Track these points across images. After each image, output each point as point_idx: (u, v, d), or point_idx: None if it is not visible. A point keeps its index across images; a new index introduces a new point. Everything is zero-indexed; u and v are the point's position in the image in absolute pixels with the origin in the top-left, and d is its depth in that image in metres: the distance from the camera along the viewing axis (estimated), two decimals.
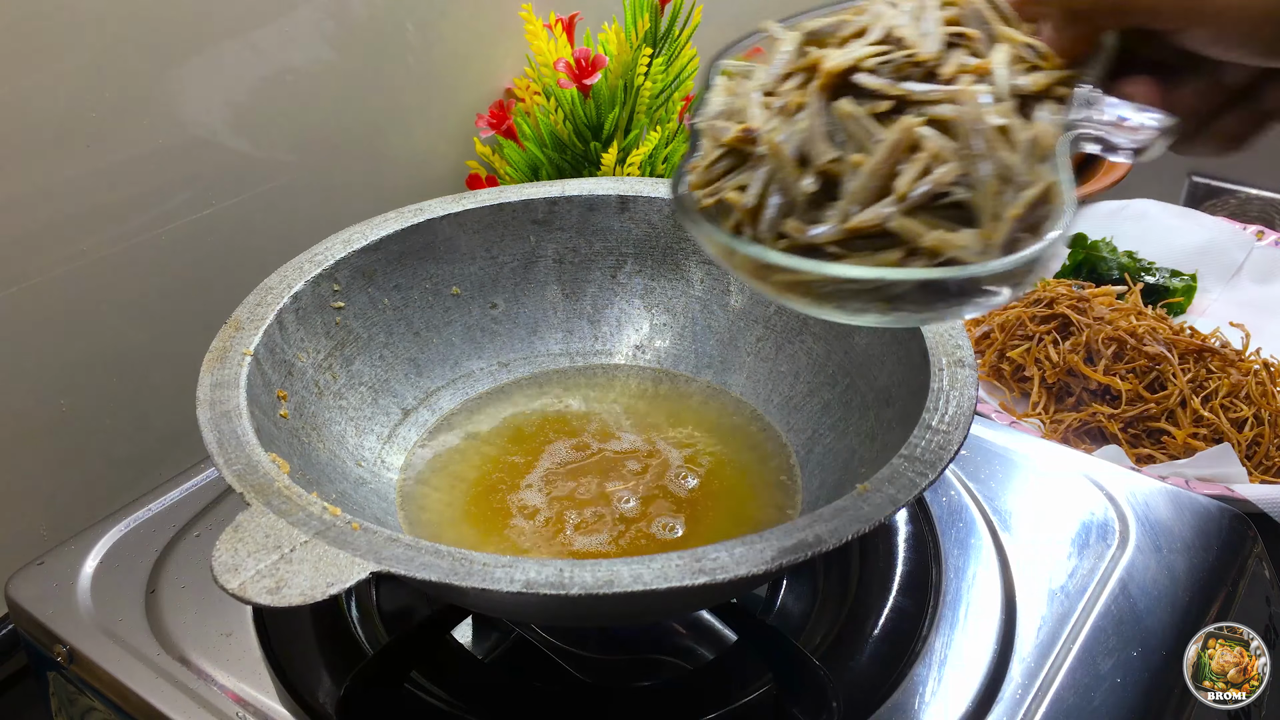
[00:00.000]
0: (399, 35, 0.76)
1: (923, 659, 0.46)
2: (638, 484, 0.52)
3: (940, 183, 0.31)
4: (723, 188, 0.34)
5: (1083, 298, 0.75)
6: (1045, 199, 0.31)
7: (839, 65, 0.33)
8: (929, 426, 0.42)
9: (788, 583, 0.52)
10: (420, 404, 0.57)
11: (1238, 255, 0.87)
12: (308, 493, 0.39)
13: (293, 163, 0.72)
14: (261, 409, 0.45)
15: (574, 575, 0.35)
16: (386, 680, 0.47)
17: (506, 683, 0.49)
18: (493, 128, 0.82)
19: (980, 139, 0.31)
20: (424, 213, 0.58)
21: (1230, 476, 0.63)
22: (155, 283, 0.66)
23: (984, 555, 0.52)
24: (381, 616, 0.51)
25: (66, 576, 0.51)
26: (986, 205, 0.31)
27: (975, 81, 0.33)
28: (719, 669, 0.49)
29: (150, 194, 0.64)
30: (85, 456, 0.65)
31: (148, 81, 0.62)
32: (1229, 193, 1.16)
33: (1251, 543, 0.53)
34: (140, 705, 0.45)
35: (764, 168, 0.33)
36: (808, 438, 0.54)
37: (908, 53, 0.33)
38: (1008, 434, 0.60)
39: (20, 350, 0.60)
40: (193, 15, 0.63)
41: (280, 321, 0.50)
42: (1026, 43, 0.34)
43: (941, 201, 0.31)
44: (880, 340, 0.51)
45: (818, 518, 0.37)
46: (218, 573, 0.35)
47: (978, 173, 0.31)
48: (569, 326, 0.62)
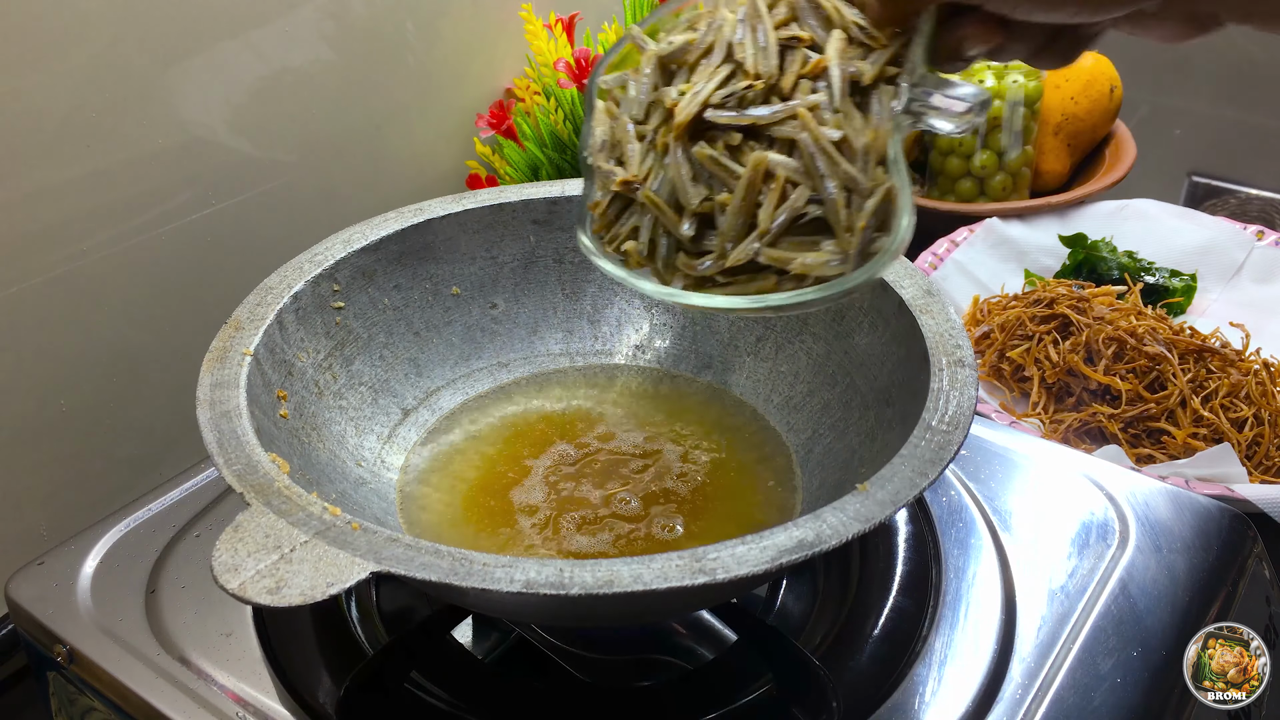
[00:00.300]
0: (399, 35, 0.76)
1: (923, 659, 0.46)
2: (638, 484, 0.52)
3: (795, 208, 0.36)
4: (620, 233, 0.40)
5: (1083, 298, 0.75)
6: (887, 199, 0.36)
7: (688, 116, 0.37)
8: (929, 426, 0.42)
9: (788, 583, 0.52)
10: (420, 404, 0.57)
11: (1238, 255, 0.87)
12: (308, 493, 0.39)
13: (293, 163, 0.72)
14: (261, 409, 0.46)
15: (574, 575, 0.35)
16: (386, 680, 0.47)
17: (506, 683, 0.49)
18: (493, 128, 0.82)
19: (822, 158, 0.36)
20: (424, 213, 0.58)
21: (1230, 476, 0.63)
22: (155, 283, 0.66)
23: (984, 555, 0.52)
24: (381, 616, 0.51)
25: (66, 576, 0.51)
26: (838, 220, 0.36)
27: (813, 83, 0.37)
28: (719, 669, 0.49)
29: (150, 194, 0.64)
30: (85, 456, 0.65)
31: (148, 81, 0.62)
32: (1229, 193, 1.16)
33: (1251, 543, 0.53)
34: (140, 705, 0.45)
35: (649, 214, 0.39)
36: (808, 438, 0.54)
37: (746, 84, 0.37)
38: (1008, 434, 0.60)
39: (20, 350, 0.60)
40: (193, 15, 0.63)
41: (280, 321, 0.50)
42: (856, 23, 0.37)
43: (802, 221, 0.37)
44: (880, 340, 0.51)
45: (818, 518, 0.37)
46: (218, 573, 0.35)
47: (825, 191, 0.36)
48: (569, 326, 0.62)
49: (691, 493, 0.52)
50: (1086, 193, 0.91)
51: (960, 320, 0.48)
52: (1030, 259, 0.88)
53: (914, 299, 0.49)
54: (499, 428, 0.57)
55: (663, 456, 0.54)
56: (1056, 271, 0.86)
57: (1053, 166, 0.95)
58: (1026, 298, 0.77)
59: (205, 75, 0.65)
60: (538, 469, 0.54)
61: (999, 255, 0.87)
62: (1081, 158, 0.98)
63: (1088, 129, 0.95)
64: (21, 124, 0.57)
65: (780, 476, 0.53)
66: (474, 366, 0.60)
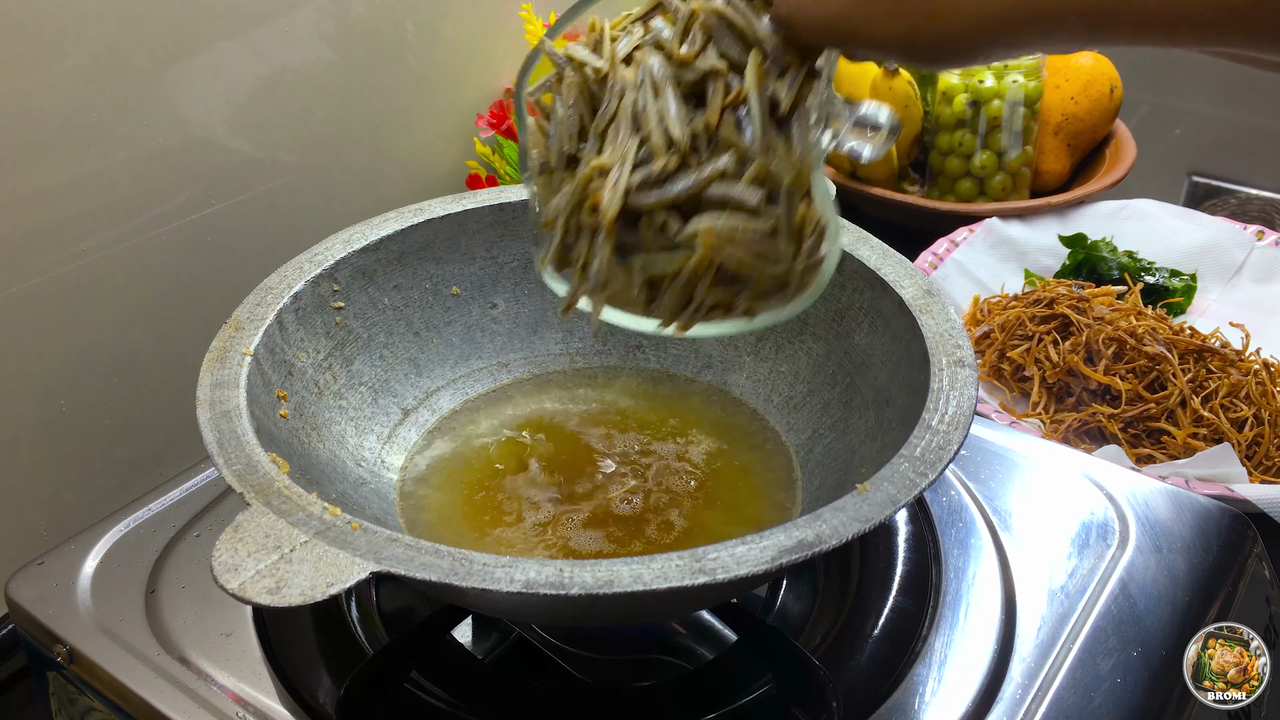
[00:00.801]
0: (399, 35, 0.76)
1: (923, 659, 0.46)
2: (638, 484, 0.52)
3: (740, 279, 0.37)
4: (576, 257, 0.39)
5: (1083, 298, 0.75)
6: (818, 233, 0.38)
7: (613, 214, 0.36)
8: (929, 426, 0.42)
9: (788, 583, 0.52)
10: (420, 404, 0.57)
11: (1238, 255, 0.87)
12: (308, 493, 0.39)
13: (293, 163, 0.72)
14: (261, 409, 0.46)
15: (574, 575, 0.35)
16: (386, 680, 0.47)
17: (506, 683, 0.49)
18: (493, 128, 0.82)
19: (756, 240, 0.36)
20: (424, 213, 0.58)
21: (1230, 476, 0.63)
22: (155, 283, 0.66)
23: (984, 555, 0.52)
24: (381, 616, 0.51)
25: (66, 576, 0.51)
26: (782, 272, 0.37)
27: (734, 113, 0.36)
28: (719, 669, 0.49)
29: (150, 194, 0.64)
30: (85, 456, 0.65)
31: (148, 81, 0.62)
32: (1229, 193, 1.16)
33: (1251, 543, 0.53)
34: (140, 705, 0.45)
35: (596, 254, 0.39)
36: (808, 438, 0.54)
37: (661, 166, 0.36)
38: (1008, 434, 0.60)
39: (20, 350, 0.60)
40: (193, 15, 0.63)
41: (280, 321, 0.50)
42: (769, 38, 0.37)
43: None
44: (880, 340, 0.51)
45: (818, 518, 0.37)
46: (218, 573, 0.35)
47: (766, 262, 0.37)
48: (569, 326, 0.62)
49: (691, 493, 0.52)
50: (1086, 193, 0.91)
51: (960, 320, 0.48)
52: (1030, 259, 0.88)
53: (914, 299, 0.49)
54: (499, 428, 0.57)
55: (662, 457, 0.54)
56: (1056, 271, 0.86)
57: (1053, 166, 0.95)
58: (1026, 298, 0.77)
59: (205, 75, 0.65)
60: (537, 469, 0.54)
61: (999, 255, 0.87)
62: (1081, 158, 0.98)
63: (1088, 129, 0.95)
64: (21, 124, 0.57)
65: (780, 476, 0.53)
66: (474, 366, 0.60)
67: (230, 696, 0.45)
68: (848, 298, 0.53)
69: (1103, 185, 0.92)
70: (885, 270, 0.52)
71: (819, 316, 0.55)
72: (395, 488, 0.53)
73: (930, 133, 0.94)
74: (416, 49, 0.78)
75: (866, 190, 0.93)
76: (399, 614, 0.51)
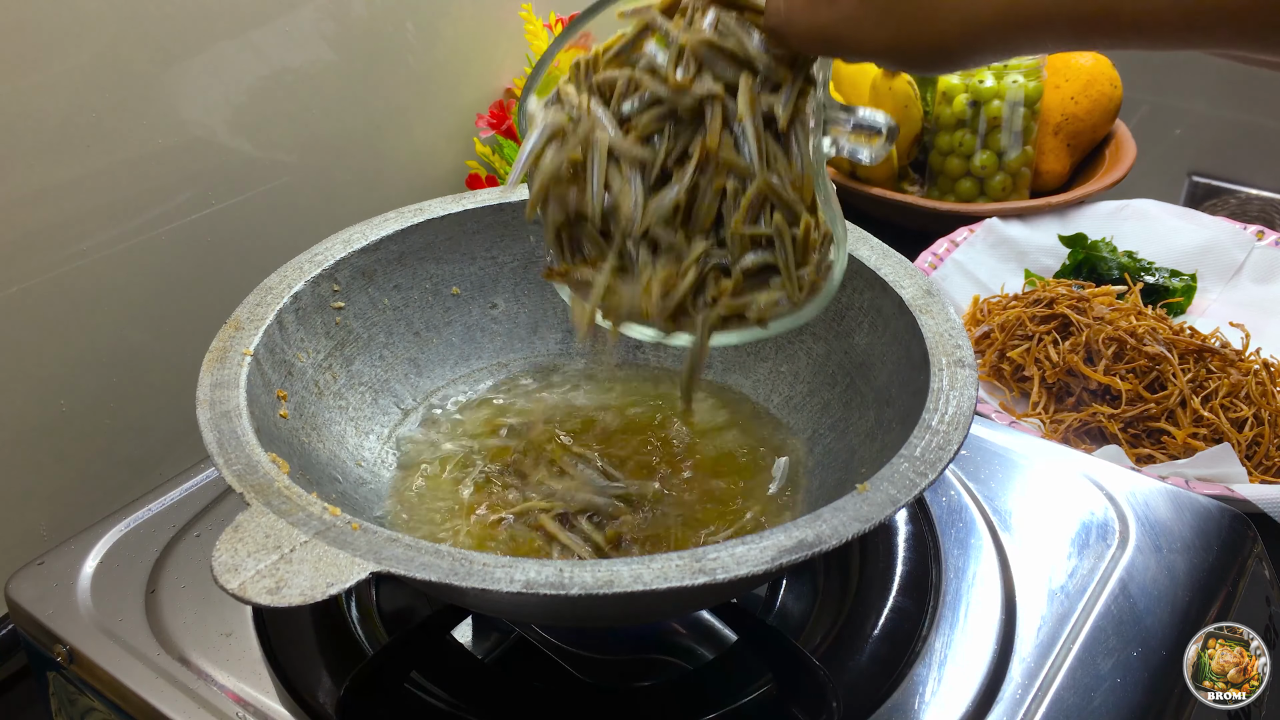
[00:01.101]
0: (399, 35, 0.76)
1: (923, 659, 0.46)
2: (638, 484, 0.52)
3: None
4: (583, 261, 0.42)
5: (1083, 298, 0.75)
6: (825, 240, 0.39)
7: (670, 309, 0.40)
8: (929, 426, 0.42)
9: (788, 583, 0.52)
10: (420, 404, 0.57)
11: (1238, 255, 0.87)
12: (308, 493, 0.39)
13: (293, 163, 0.72)
14: (261, 409, 0.45)
15: (574, 575, 0.35)
16: (386, 680, 0.47)
17: (506, 683, 0.49)
18: (493, 128, 0.82)
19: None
20: (424, 213, 0.58)
21: (1230, 476, 0.63)
22: (155, 283, 0.66)
23: (984, 555, 0.52)
24: (381, 616, 0.51)
25: (66, 576, 0.51)
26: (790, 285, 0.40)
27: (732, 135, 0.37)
28: (719, 669, 0.49)
29: (150, 194, 0.64)
30: (85, 456, 0.65)
31: (148, 81, 0.62)
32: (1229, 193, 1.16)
33: (1251, 543, 0.53)
34: (140, 705, 0.45)
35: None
36: (808, 438, 0.54)
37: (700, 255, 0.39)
38: (1008, 434, 0.60)
39: (20, 350, 0.60)
40: (193, 15, 0.63)
41: (280, 321, 0.50)
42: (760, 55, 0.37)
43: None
44: (880, 340, 0.51)
45: (818, 518, 0.37)
46: (218, 573, 0.35)
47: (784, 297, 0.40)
48: (569, 326, 0.62)
49: (691, 492, 0.52)
50: (1086, 193, 0.91)
51: (960, 320, 0.48)
52: (1030, 259, 0.88)
53: (914, 299, 0.49)
54: (499, 428, 0.57)
55: (662, 456, 0.54)
56: (1056, 271, 0.86)
57: (1053, 166, 0.95)
58: (1026, 298, 0.77)
59: (205, 75, 0.65)
60: (538, 469, 0.54)
61: (999, 255, 0.87)
62: (1081, 158, 0.98)
63: (1088, 129, 0.95)
64: (21, 124, 0.57)
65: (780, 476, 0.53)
66: (474, 366, 0.60)
67: (230, 696, 0.45)
68: (848, 298, 0.53)
69: (1103, 185, 0.92)
70: (885, 270, 0.52)
71: (819, 317, 0.55)
72: (395, 488, 0.53)
73: (930, 133, 0.94)
74: (416, 49, 0.78)
75: (866, 190, 0.93)
76: (399, 614, 0.51)
